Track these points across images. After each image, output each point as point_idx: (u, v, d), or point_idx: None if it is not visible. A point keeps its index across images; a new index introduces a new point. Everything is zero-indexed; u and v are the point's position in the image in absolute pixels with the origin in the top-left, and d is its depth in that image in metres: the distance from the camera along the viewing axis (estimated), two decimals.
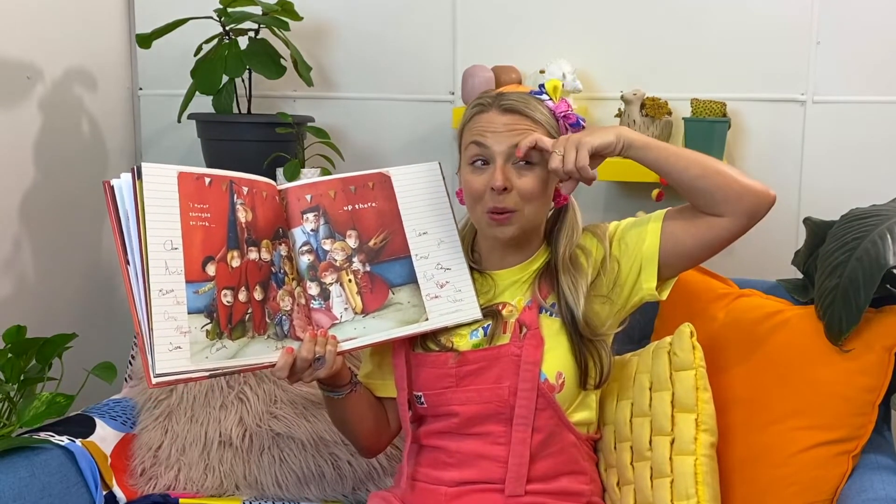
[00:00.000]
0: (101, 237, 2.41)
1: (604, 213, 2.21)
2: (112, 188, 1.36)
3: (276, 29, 2.16)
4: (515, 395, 1.50)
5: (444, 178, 1.61)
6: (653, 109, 2.06)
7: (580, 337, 1.53)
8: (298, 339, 1.46)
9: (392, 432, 1.67)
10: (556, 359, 1.52)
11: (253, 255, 1.43)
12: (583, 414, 1.57)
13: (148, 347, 1.32)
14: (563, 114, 1.54)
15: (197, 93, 2.16)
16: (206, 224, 1.38)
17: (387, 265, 1.55)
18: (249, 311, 1.41)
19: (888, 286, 1.70)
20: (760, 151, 2.15)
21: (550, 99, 1.55)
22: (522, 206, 1.51)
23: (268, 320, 1.44)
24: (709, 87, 2.14)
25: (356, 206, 1.54)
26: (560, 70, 2.08)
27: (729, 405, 1.66)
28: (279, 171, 2.13)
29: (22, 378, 1.72)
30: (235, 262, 1.40)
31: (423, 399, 1.56)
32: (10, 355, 1.72)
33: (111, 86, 2.42)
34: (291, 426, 1.86)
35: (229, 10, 2.12)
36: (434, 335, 1.56)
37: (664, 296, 1.58)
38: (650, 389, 1.60)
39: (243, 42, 2.17)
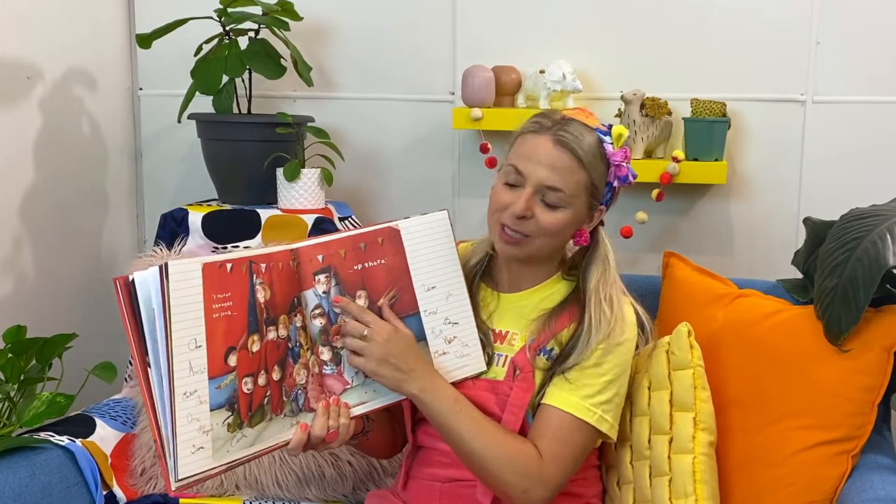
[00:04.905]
0: (100, 237, 2.41)
1: None
2: (128, 285, 1.28)
3: (276, 29, 2.16)
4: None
5: (452, 227, 1.56)
6: (653, 109, 2.06)
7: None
8: (312, 409, 1.43)
9: (405, 438, 1.68)
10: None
11: (272, 334, 1.39)
12: None
13: (169, 452, 1.27)
14: (617, 163, 1.50)
15: (197, 93, 2.16)
16: (229, 313, 1.33)
17: None
18: (268, 393, 1.37)
19: (888, 286, 1.70)
20: (760, 151, 2.15)
21: (612, 144, 1.51)
22: (536, 237, 1.49)
23: (284, 398, 1.40)
24: (709, 87, 2.14)
25: (366, 265, 1.48)
26: (560, 70, 2.08)
27: (728, 405, 1.66)
28: (279, 171, 2.13)
29: (22, 378, 1.72)
30: (255, 347, 1.36)
31: None
32: (10, 355, 1.71)
33: (111, 86, 2.42)
34: None
35: (229, 10, 2.12)
36: None
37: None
38: (649, 389, 1.60)
39: (243, 42, 2.17)
